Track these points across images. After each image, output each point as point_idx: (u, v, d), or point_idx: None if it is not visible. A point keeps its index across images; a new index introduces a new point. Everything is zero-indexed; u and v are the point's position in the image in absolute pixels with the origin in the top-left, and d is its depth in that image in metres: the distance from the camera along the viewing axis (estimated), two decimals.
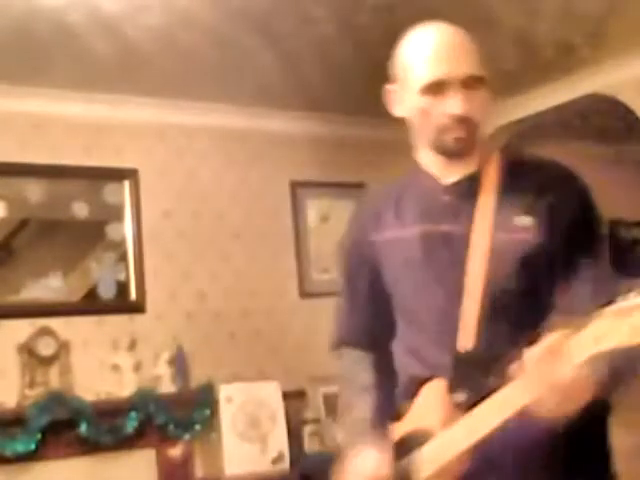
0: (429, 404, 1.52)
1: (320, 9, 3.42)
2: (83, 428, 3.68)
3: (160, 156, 4.37)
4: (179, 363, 4.10)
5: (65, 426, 3.67)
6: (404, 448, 1.54)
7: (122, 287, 4.14)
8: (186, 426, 3.99)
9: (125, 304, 4.14)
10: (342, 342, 1.80)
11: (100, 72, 3.86)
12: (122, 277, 4.15)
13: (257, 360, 4.40)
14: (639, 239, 6.03)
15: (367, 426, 1.63)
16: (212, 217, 4.47)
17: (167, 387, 4.03)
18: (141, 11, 3.28)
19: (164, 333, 4.17)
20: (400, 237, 1.62)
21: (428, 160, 1.62)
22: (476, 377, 1.46)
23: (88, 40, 3.48)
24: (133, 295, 4.15)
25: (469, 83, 1.51)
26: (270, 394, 4.23)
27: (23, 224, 4.01)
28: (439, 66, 1.51)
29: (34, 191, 3.99)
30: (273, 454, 4.12)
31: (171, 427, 3.94)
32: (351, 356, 1.77)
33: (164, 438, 3.96)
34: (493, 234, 1.49)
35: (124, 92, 4.15)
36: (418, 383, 1.56)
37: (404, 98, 1.59)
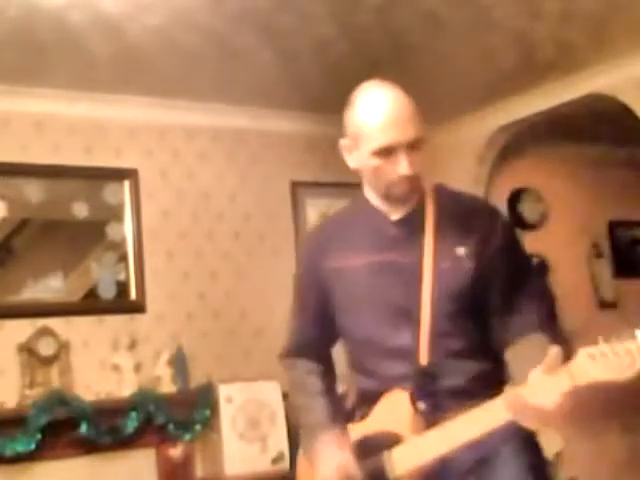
0: (393, 411, 1.74)
1: (320, 9, 3.42)
2: (83, 428, 3.68)
3: (160, 156, 4.37)
4: (179, 363, 4.11)
5: (65, 426, 3.67)
6: (368, 447, 1.78)
7: (122, 287, 4.14)
8: (186, 426, 3.99)
9: (125, 304, 4.14)
10: (292, 353, 2.04)
11: (100, 72, 3.86)
12: (122, 277, 4.15)
13: (257, 360, 4.40)
14: (639, 239, 6.03)
15: (323, 428, 1.85)
16: (212, 217, 4.47)
17: (167, 387, 4.03)
18: (141, 11, 3.28)
19: (164, 333, 4.17)
20: (350, 266, 1.84)
21: (375, 200, 1.86)
22: (434, 388, 1.72)
23: (88, 40, 3.48)
24: (133, 295, 4.15)
25: (413, 145, 1.74)
26: (270, 394, 4.22)
27: (23, 224, 4.01)
28: (388, 133, 1.73)
29: (34, 191, 3.99)
30: (273, 454, 4.12)
31: (171, 427, 3.94)
32: (301, 365, 2.00)
33: (164, 438, 3.96)
34: (436, 263, 1.75)
35: (124, 92, 4.16)
36: (371, 395, 1.80)
37: (357, 154, 1.83)
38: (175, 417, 3.95)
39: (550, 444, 5.05)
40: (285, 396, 4.23)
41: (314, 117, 4.72)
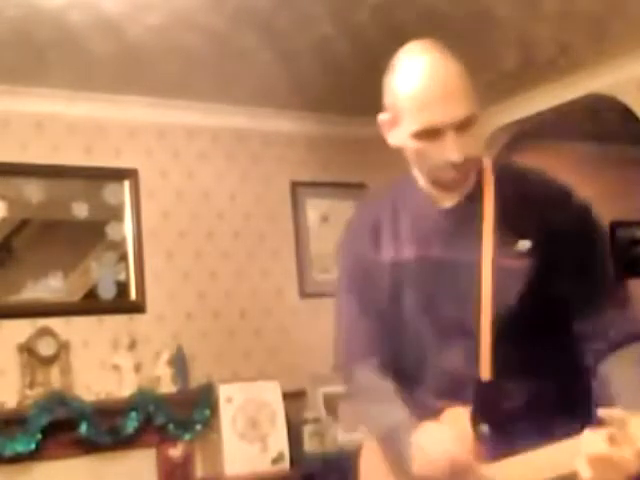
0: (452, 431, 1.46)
1: (319, 8, 3.42)
2: (83, 428, 3.68)
3: (160, 156, 4.37)
4: (179, 363, 4.10)
5: (65, 426, 3.67)
6: None
7: (122, 287, 4.14)
8: (186, 426, 3.99)
9: (125, 304, 4.13)
10: (355, 357, 1.69)
11: (100, 72, 3.86)
12: (122, 277, 4.15)
13: (257, 360, 4.40)
14: (639, 239, 6.03)
15: (410, 423, 1.51)
16: (212, 217, 4.47)
17: (167, 387, 4.03)
18: (141, 11, 3.28)
19: (164, 333, 4.17)
20: (399, 261, 1.58)
21: (424, 183, 1.59)
22: (496, 409, 1.45)
23: (88, 40, 3.48)
24: (133, 295, 4.15)
25: (464, 124, 1.46)
26: (270, 394, 4.22)
27: (23, 224, 4.01)
28: (432, 112, 1.44)
29: (34, 191, 3.99)
30: (273, 454, 4.12)
31: (171, 427, 3.94)
32: (367, 368, 1.66)
33: (164, 438, 3.96)
34: (496, 261, 1.47)
35: (124, 92, 4.15)
36: (426, 413, 1.51)
37: (397, 132, 1.53)
38: (175, 417, 3.95)
39: None
40: (285, 396, 4.24)
41: (314, 117, 4.72)
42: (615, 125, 5.02)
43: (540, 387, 1.48)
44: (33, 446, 3.58)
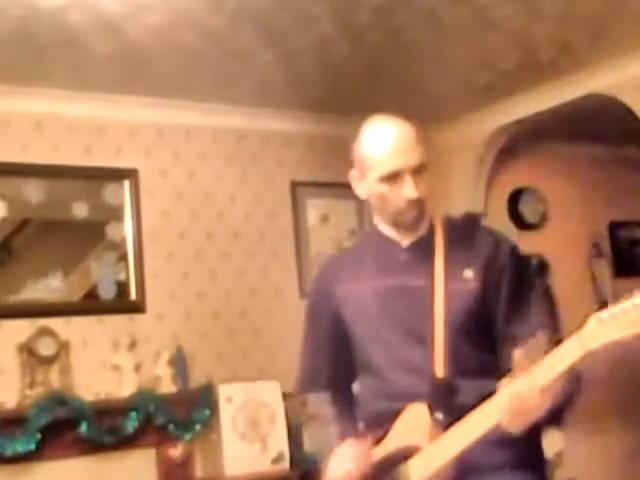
0: (411, 424, 1.78)
1: (320, 9, 3.42)
2: (83, 428, 3.68)
3: (160, 156, 4.37)
4: (179, 363, 4.11)
5: (65, 426, 3.67)
6: (389, 465, 1.79)
7: (122, 287, 4.14)
8: (186, 426, 3.99)
9: (125, 304, 4.14)
10: (307, 388, 2.10)
11: (100, 72, 3.87)
12: (122, 277, 4.15)
13: (257, 360, 4.40)
14: (639, 239, 6.03)
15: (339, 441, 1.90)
16: (212, 217, 4.47)
17: (167, 387, 4.03)
18: (141, 11, 3.28)
19: (164, 333, 4.17)
20: (362, 291, 1.92)
21: (386, 228, 1.95)
22: (450, 399, 1.77)
23: (88, 40, 3.48)
24: (133, 295, 4.15)
25: (418, 169, 1.83)
26: (270, 394, 4.22)
27: (23, 224, 4.01)
28: (393, 159, 1.83)
29: (34, 191, 3.99)
30: (273, 454, 4.12)
31: (171, 427, 3.94)
32: (315, 397, 2.07)
33: (164, 438, 3.96)
34: (447, 285, 1.84)
35: (124, 92, 4.16)
36: (388, 416, 1.82)
37: (365, 183, 1.91)
38: (175, 417, 3.95)
39: (550, 444, 5.04)
40: (285, 396, 4.24)
41: (314, 117, 4.72)
42: (615, 125, 5.03)
43: (486, 384, 1.73)
44: (33, 446, 3.58)
